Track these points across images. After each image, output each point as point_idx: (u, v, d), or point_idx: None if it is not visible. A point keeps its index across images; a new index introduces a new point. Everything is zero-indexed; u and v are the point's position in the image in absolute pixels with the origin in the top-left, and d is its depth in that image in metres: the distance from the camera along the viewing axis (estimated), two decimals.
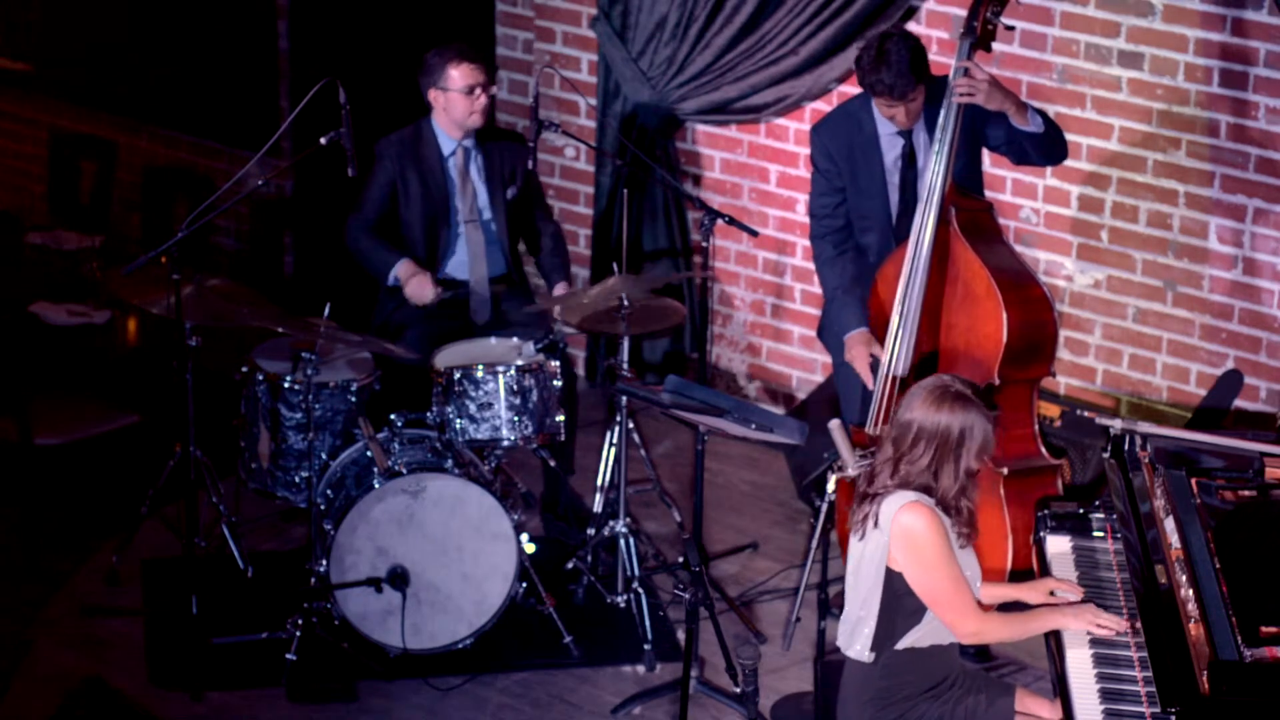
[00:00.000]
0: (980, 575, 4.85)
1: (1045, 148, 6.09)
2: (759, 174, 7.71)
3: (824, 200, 6.36)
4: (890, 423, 4.78)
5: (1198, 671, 4.34)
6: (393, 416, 6.28)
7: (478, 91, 6.58)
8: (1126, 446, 5.22)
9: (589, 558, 6.53)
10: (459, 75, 6.56)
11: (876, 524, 4.70)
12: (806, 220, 6.56)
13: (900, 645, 4.76)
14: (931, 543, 4.64)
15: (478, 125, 6.64)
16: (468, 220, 6.72)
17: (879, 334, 6.19)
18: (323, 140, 6.12)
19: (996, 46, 6.63)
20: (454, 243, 6.76)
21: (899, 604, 4.72)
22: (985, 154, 6.45)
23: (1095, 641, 4.81)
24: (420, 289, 6.58)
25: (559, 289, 6.77)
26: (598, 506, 6.61)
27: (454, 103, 6.59)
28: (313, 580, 6.12)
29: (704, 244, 6.56)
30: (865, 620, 4.76)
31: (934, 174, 5.97)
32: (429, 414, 6.30)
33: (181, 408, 6.24)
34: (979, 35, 5.95)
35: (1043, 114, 6.05)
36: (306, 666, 6.06)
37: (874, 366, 6.20)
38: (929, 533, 4.64)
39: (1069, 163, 6.71)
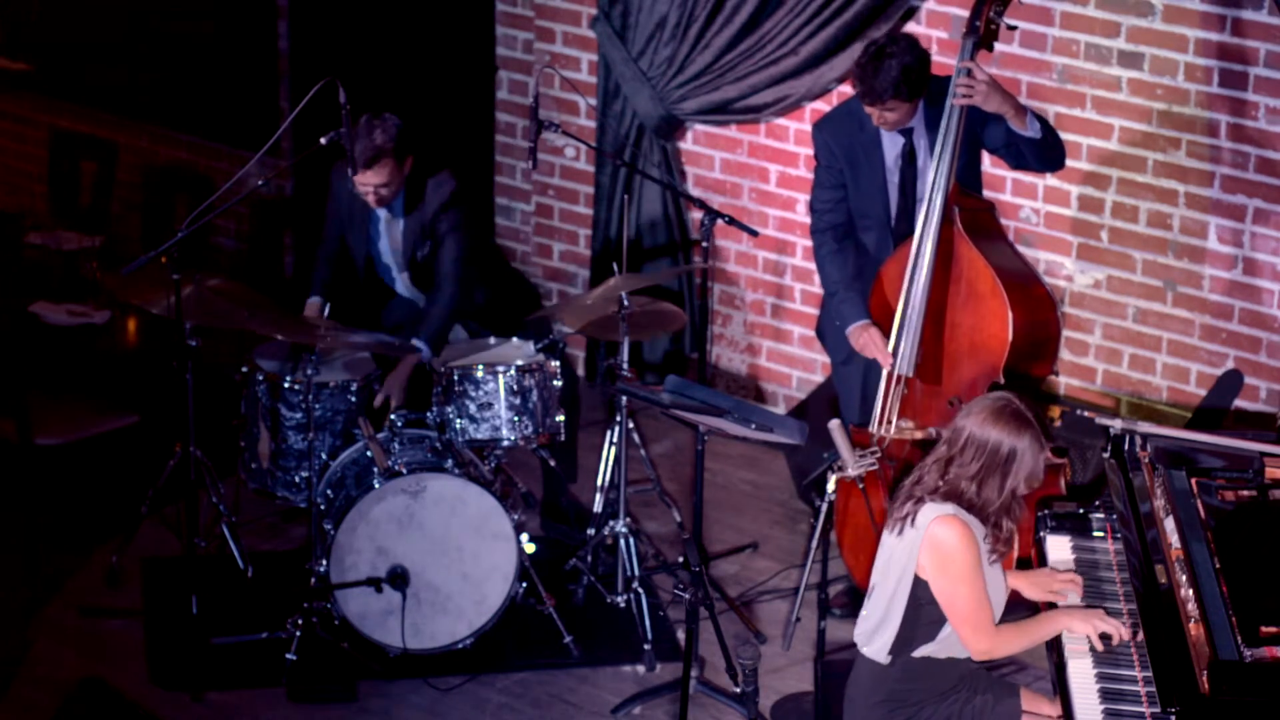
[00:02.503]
0: (1006, 594, 4.86)
1: (1041, 154, 6.07)
2: (759, 174, 7.71)
3: (825, 195, 6.36)
4: (949, 426, 4.81)
5: (1198, 671, 4.34)
6: (393, 416, 6.28)
7: (366, 189, 6.41)
8: (1126, 446, 5.22)
9: (589, 558, 6.53)
10: (352, 176, 6.38)
11: (913, 524, 4.72)
12: (807, 220, 6.56)
13: (917, 654, 4.77)
14: (961, 557, 4.66)
15: (375, 206, 6.52)
16: (400, 271, 6.71)
17: (883, 333, 6.18)
18: (323, 140, 6.12)
19: (997, 46, 6.63)
20: (395, 284, 6.76)
21: (921, 613, 4.74)
22: (986, 154, 6.45)
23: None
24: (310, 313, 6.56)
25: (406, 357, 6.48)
26: (598, 506, 6.61)
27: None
28: (313, 580, 6.12)
29: (704, 244, 6.56)
30: (888, 622, 4.77)
31: (936, 173, 5.97)
32: (429, 414, 6.30)
33: (181, 408, 6.24)
34: (981, 35, 5.95)
35: (1042, 120, 6.04)
36: (306, 666, 6.06)
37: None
38: (960, 547, 4.65)
39: (1069, 162, 6.71)
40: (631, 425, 6.53)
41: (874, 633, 4.82)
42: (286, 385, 6.32)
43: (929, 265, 5.99)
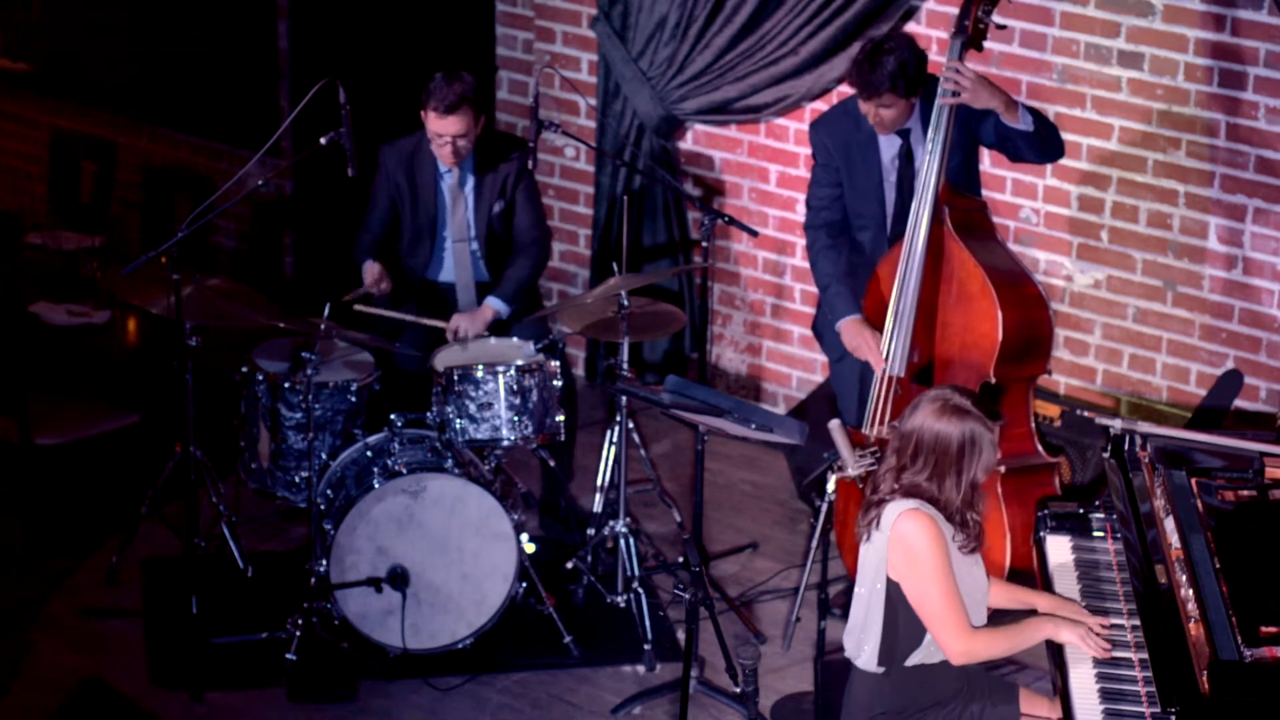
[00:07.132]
0: (986, 588, 4.83)
1: (1038, 146, 6.08)
2: (759, 174, 7.72)
3: (821, 192, 6.36)
4: (893, 431, 4.78)
5: (1198, 671, 4.34)
6: (393, 416, 6.28)
7: (443, 140, 6.51)
8: (1126, 446, 5.22)
9: (589, 558, 6.53)
10: (428, 122, 6.50)
11: (879, 526, 4.70)
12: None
13: (910, 663, 4.75)
14: (928, 552, 4.62)
15: (449, 164, 6.60)
16: (457, 240, 6.70)
17: (876, 331, 6.18)
18: (323, 140, 6.13)
19: (996, 46, 6.63)
20: (443, 256, 6.75)
21: (900, 616, 4.71)
22: (986, 153, 6.45)
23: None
24: (370, 277, 6.57)
25: (487, 303, 6.61)
26: (598, 506, 6.61)
27: (430, 137, 6.58)
28: (313, 580, 6.12)
29: (704, 244, 6.56)
30: (870, 629, 4.75)
31: (927, 173, 5.97)
32: (429, 414, 6.30)
33: (181, 408, 6.24)
34: (970, 34, 5.95)
35: (1035, 112, 6.03)
36: (306, 666, 6.06)
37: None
38: (926, 541, 4.62)
39: (1068, 162, 6.71)
40: (631, 425, 6.53)
41: (861, 643, 4.80)
42: (286, 385, 6.32)
43: (919, 265, 5.99)
